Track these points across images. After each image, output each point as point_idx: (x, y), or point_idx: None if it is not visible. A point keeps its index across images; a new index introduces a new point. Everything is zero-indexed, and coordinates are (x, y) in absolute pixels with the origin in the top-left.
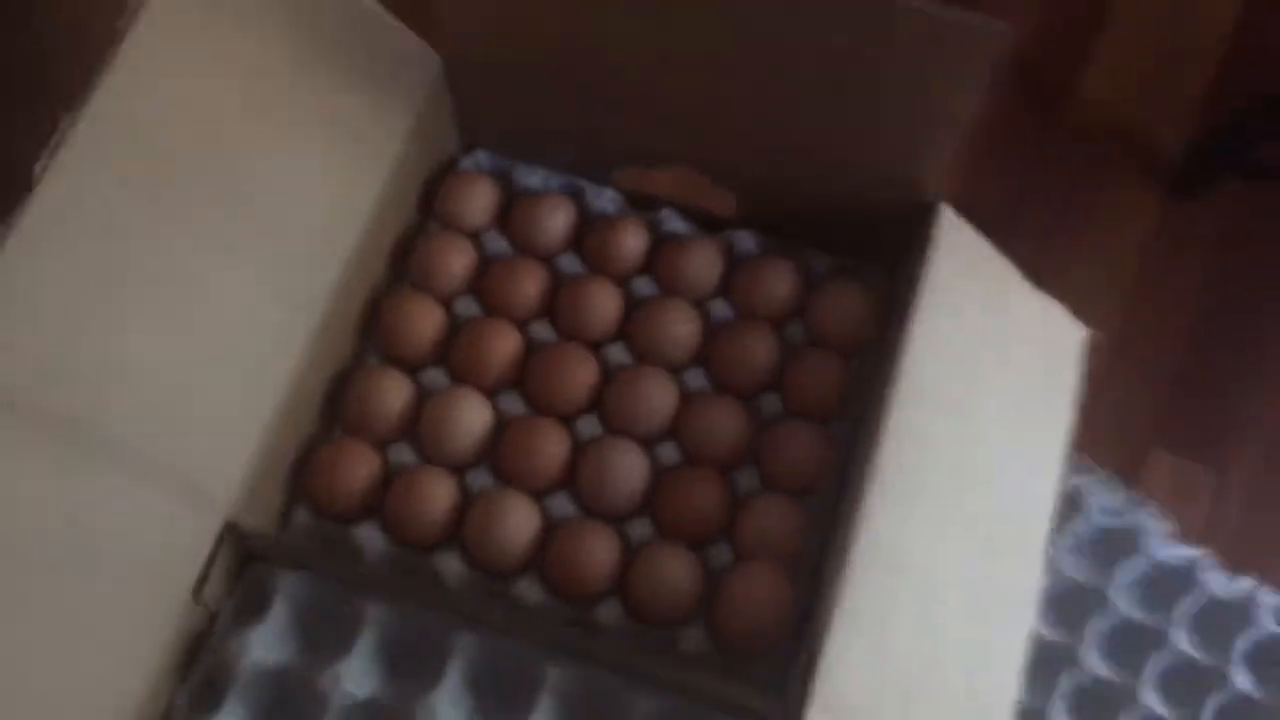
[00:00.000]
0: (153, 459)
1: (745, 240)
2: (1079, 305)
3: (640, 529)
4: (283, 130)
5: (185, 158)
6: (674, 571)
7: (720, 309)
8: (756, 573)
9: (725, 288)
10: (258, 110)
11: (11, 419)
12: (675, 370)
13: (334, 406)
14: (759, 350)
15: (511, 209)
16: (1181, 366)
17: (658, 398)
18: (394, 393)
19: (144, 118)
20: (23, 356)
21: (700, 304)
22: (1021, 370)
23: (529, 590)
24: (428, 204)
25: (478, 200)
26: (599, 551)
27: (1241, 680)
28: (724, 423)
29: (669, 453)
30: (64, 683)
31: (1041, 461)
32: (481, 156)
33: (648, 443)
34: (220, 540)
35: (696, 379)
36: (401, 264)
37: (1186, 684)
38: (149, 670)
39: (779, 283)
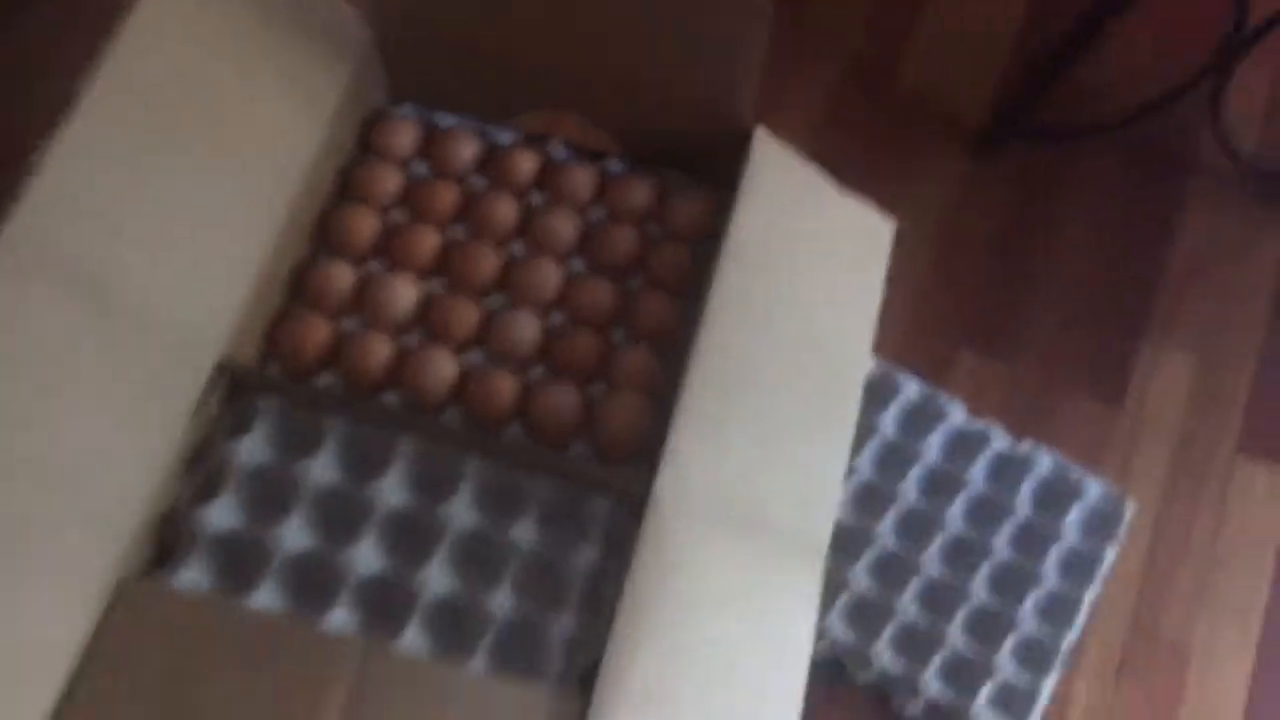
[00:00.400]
0: (164, 311)
1: (615, 165)
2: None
3: (536, 373)
4: (249, 85)
5: (181, 106)
6: (563, 401)
7: (596, 213)
8: (625, 400)
9: (600, 198)
10: (232, 70)
11: (60, 274)
12: (561, 258)
13: (295, 289)
14: (624, 241)
15: (431, 142)
16: (978, 285)
17: (548, 278)
18: (342, 277)
19: (147, 74)
20: (69, 229)
21: (580, 210)
22: (836, 249)
23: (451, 420)
24: (365, 142)
25: (404, 136)
26: (504, 390)
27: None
28: (599, 295)
29: (557, 318)
30: (94, 472)
31: (856, 319)
32: (407, 107)
33: (542, 311)
34: (214, 373)
35: (578, 265)
36: (345, 186)
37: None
38: (159, 471)
39: (639, 192)
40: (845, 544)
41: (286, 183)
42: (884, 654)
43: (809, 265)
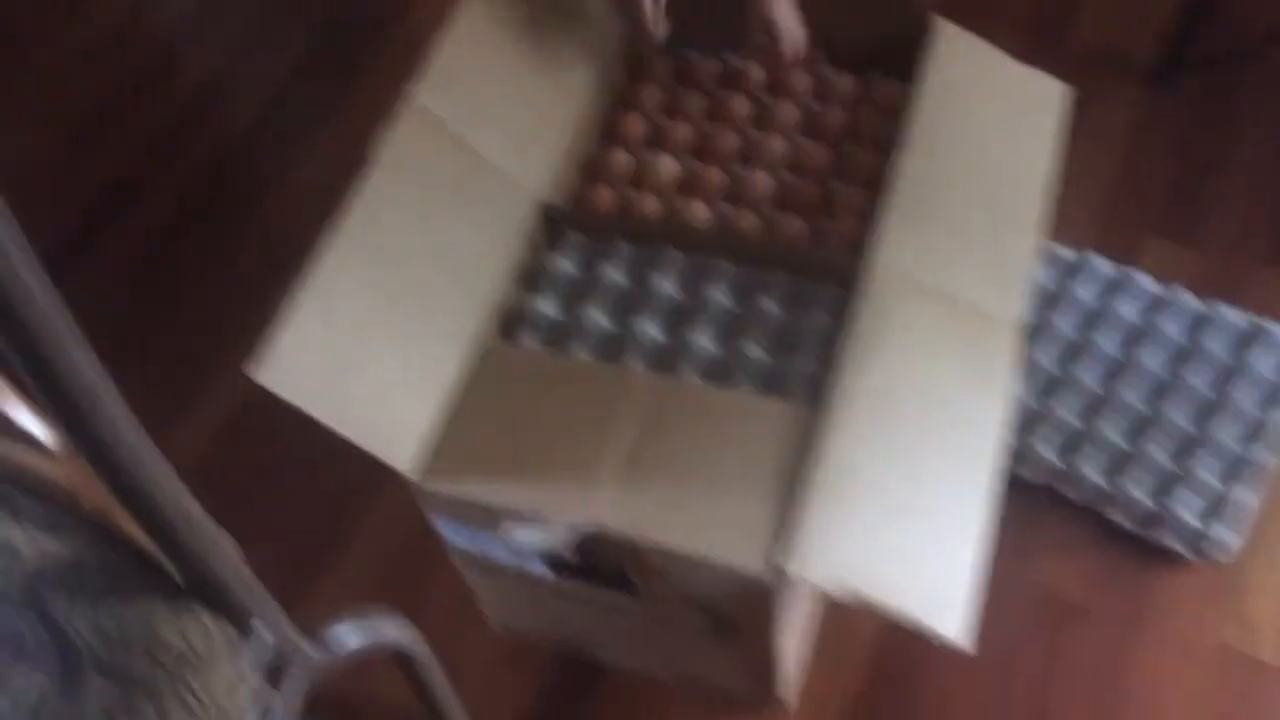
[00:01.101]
0: (506, 167)
1: (826, 70)
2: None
3: (772, 214)
4: (552, 35)
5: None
6: (793, 227)
7: (814, 105)
8: (843, 221)
9: (814, 93)
10: (544, 27)
11: (444, 136)
12: (788, 134)
13: (586, 170)
14: (836, 118)
15: (680, 67)
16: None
17: (777, 147)
18: (621, 160)
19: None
20: (454, 112)
21: (799, 104)
22: (1014, 101)
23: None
24: (633, 74)
25: (662, 65)
26: (747, 222)
27: None
28: (818, 156)
29: (787, 176)
30: (467, 265)
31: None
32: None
33: (774, 171)
34: (539, 210)
35: (800, 139)
36: (621, 101)
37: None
38: (504, 276)
39: (845, 83)
40: (1052, 389)
41: (583, 93)
42: (1093, 474)
43: (990, 112)
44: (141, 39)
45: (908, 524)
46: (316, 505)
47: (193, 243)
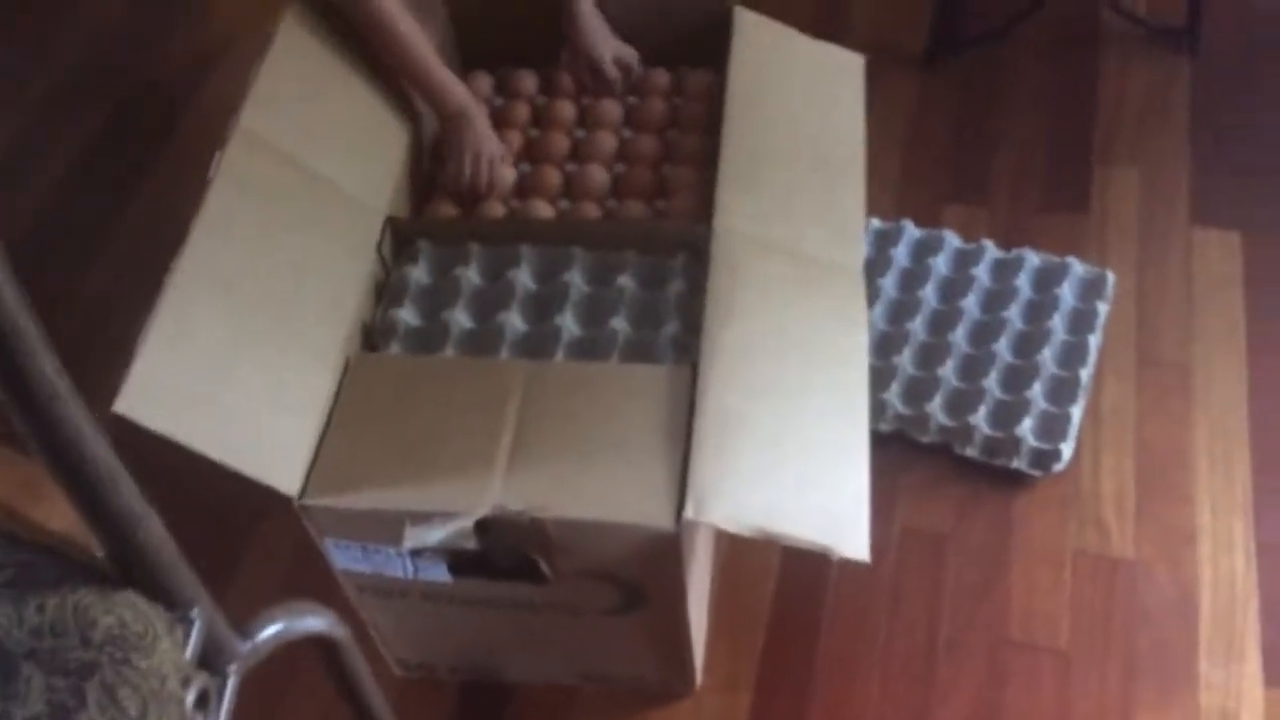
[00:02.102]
0: (346, 186)
1: (638, 68)
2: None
3: (611, 203)
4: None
5: (336, 69)
6: (634, 211)
7: (633, 100)
8: (681, 197)
9: (633, 91)
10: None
11: (278, 157)
12: (615, 130)
13: (429, 181)
14: (657, 109)
15: (501, 81)
16: (949, 154)
17: (608, 143)
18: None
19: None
20: (285, 132)
21: (621, 101)
22: (818, 74)
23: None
24: None
25: (482, 82)
26: (590, 214)
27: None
28: (648, 144)
29: (620, 167)
30: (326, 283)
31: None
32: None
33: (608, 164)
34: (385, 224)
35: (627, 132)
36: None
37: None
38: (361, 291)
39: (660, 77)
40: (887, 345)
41: (407, 112)
42: (938, 414)
43: (798, 83)
44: None
45: (795, 456)
46: (187, 549)
47: None
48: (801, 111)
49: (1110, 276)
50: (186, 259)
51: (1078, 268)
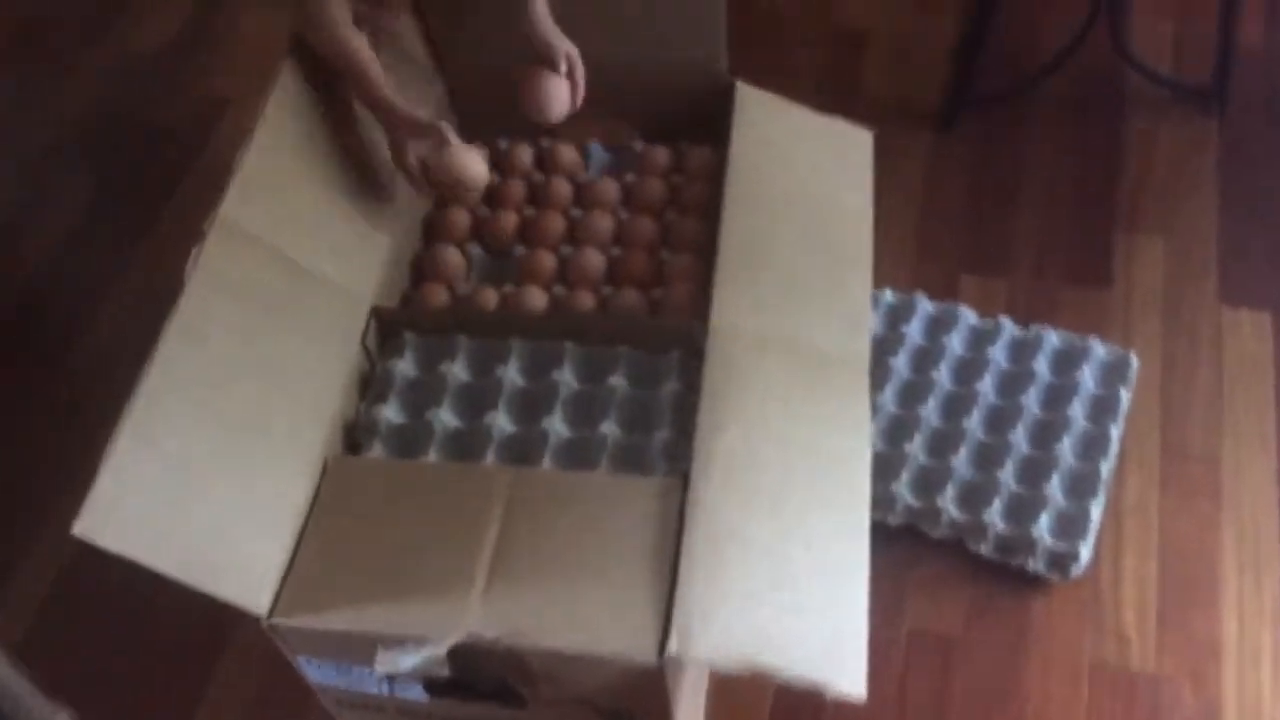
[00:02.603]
0: (332, 276)
1: (639, 144)
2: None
3: (606, 290)
4: (365, 122)
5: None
6: (629, 302)
7: (631, 178)
8: (678, 288)
9: (632, 167)
10: (353, 118)
11: (259, 249)
12: (612, 210)
13: (414, 270)
14: (656, 189)
15: (498, 156)
16: (965, 222)
17: (604, 225)
18: (451, 257)
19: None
20: (268, 221)
21: (619, 178)
22: (824, 152)
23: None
24: None
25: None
26: (585, 303)
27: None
28: (645, 227)
29: (616, 251)
30: (304, 383)
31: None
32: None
33: (604, 248)
34: (370, 314)
35: (624, 213)
36: (441, 197)
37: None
38: (343, 387)
39: (660, 154)
40: (897, 430)
41: (401, 194)
42: (950, 508)
43: (802, 163)
44: None
45: (789, 580)
46: (161, 661)
47: None
48: (806, 192)
49: (1134, 360)
50: (157, 366)
51: (1099, 349)
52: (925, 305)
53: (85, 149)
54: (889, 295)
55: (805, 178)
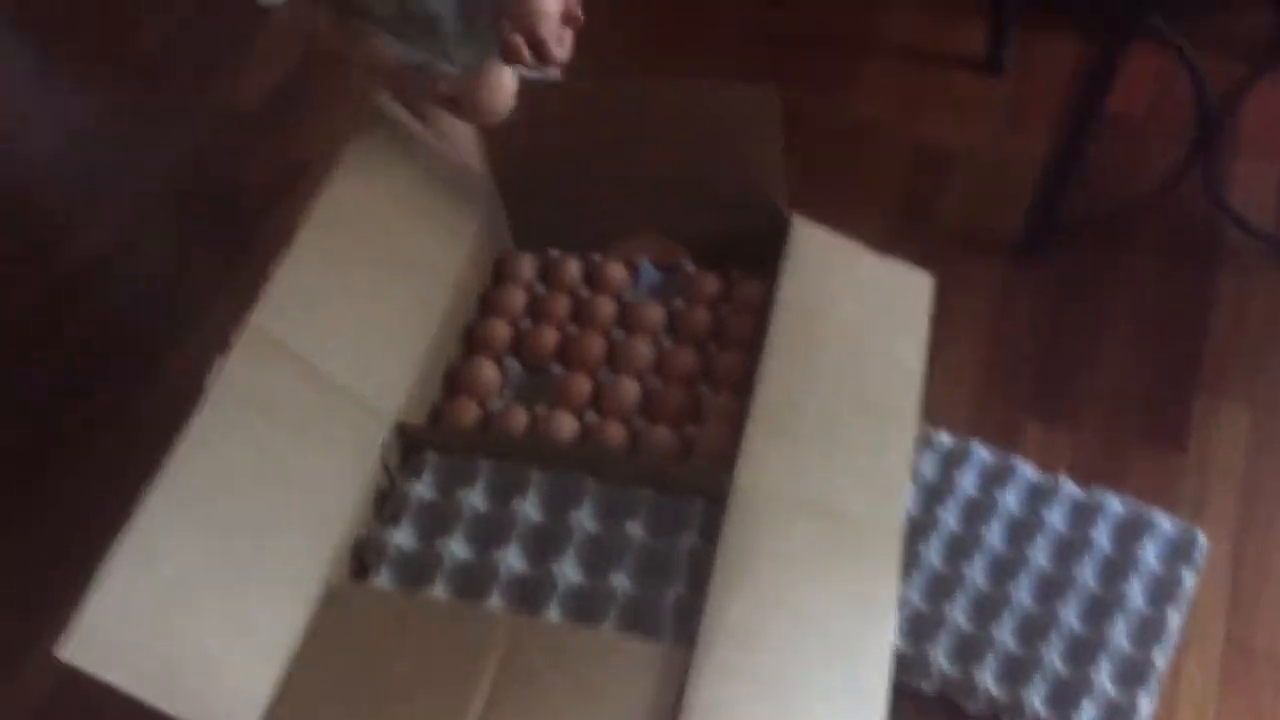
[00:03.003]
0: (357, 388)
1: (689, 266)
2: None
3: (639, 423)
4: (413, 227)
5: (368, 243)
6: (660, 439)
7: (677, 303)
8: (712, 429)
9: (679, 292)
10: (403, 216)
11: (290, 361)
12: (653, 337)
13: (451, 378)
14: (701, 319)
15: (546, 267)
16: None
17: (644, 352)
18: (487, 370)
19: (344, 217)
20: (298, 328)
21: (665, 302)
22: (878, 294)
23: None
24: (497, 273)
25: (526, 264)
26: (615, 436)
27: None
28: (685, 359)
29: (654, 382)
30: (313, 499)
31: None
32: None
33: (641, 377)
34: (393, 432)
35: (667, 341)
36: (484, 304)
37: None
38: (356, 504)
39: (709, 282)
40: (939, 588)
41: (440, 301)
42: (988, 682)
43: (853, 308)
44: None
45: None
46: None
47: (53, 445)
48: (854, 340)
49: (1202, 539)
50: (166, 477)
51: (1165, 524)
52: (981, 453)
53: (178, 196)
54: (944, 438)
55: (855, 324)
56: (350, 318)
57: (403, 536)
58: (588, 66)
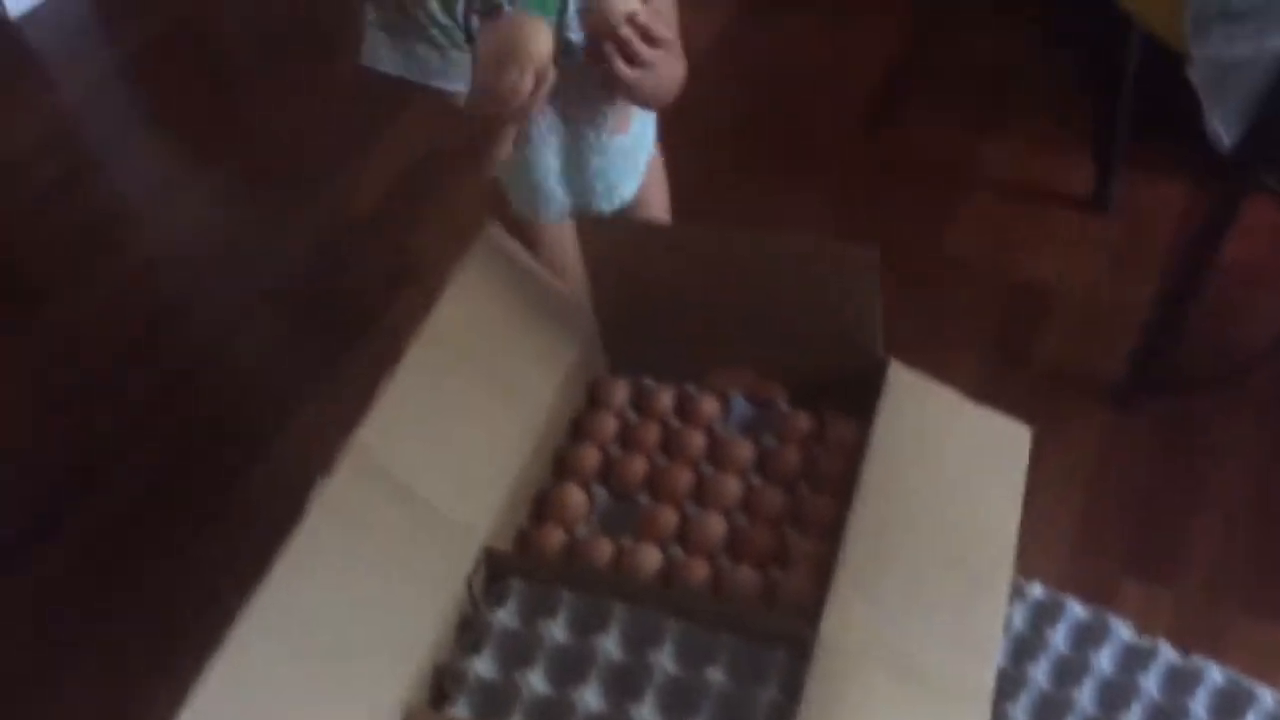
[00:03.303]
0: (447, 511)
1: (783, 404)
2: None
3: (724, 561)
4: (511, 354)
5: (469, 368)
6: (745, 579)
7: (769, 440)
8: (798, 574)
9: (770, 428)
10: (503, 342)
11: (385, 482)
12: (743, 474)
13: (540, 503)
14: (792, 459)
15: (639, 394)
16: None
17: (732, 489)
18: (575, 497)
19: (447, 342)
20: (392, 451)
21: (755, 439)
22: (973, 446)
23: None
24: (590, 398)
25: (619, 391)
26: (699, 574)
27: None
28: (773, 499)
29: (740, 519)
30: (396, 622)
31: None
32: (621, 374)
33: (728, 514)
34: (481, 558)
35: (756, 479)
36: (575, 429)
37: None
38: (439, 628)
39: (802, 421)
40: None
41: (534, 424)
42: None
43: (949, 459)
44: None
45: None
46: None
47: (158, 527)
48: (948, 494)
49: None
50: (259, 602)
51: (1268, 698)
52: (1076, 609)
53: (288, 292)
54: (1037, 590)
55: (949, 477)
56: (449, 440)
57: (483, 665)
58: (699, 180)
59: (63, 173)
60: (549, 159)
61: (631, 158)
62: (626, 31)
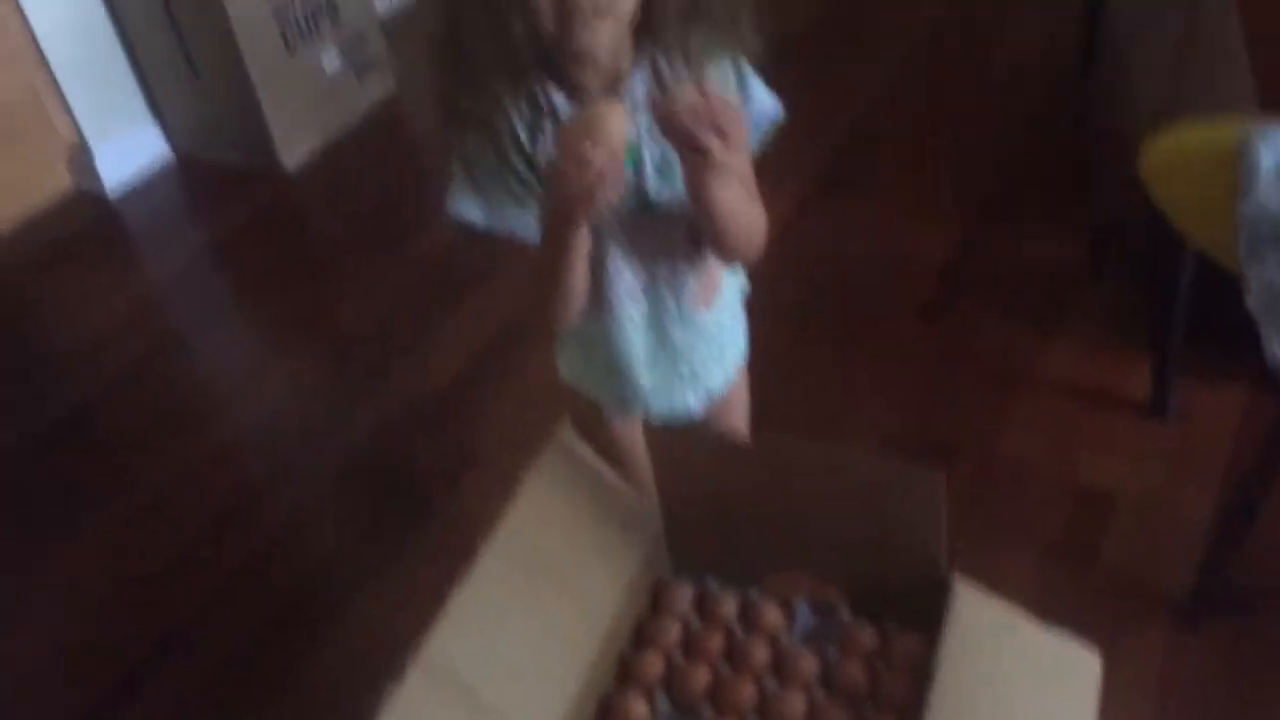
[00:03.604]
0: (510, 713)
1: (845, 614)
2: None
3: None
4: (579, 558)
5: (537, 570)
6: None
7: (833, 653)
8: None
9: (834, 641)
10: (570, 546)
11: (450, 682)
12: (807, 689)
13: (602, 711)
14: (857, 675)
15: (702, 600)
16: None
17: (796, 706)
18: (637, 707)
19: (518, 545)
20: (459, 651)
21: (819, 651)
22: (1042, 673)
23: None
24: (654, 601)
25: (683, 596)
26: None
27: None
28: (839, 717)
29: None
30: None
31: None
32: (684, 575)
33: None
34: None
35: (820, 695)
36: (639, 634)
37: None
38: None
39: (865, 635)
40: None
41: (599, 629)
42: None
43: (1019, 685)
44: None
45: None
46: None
47: (231, 699)
48: (1016, 711)
49: None
50: None
51: None
52: None
53: (355, 474)
54: None
55: (1019, 708)
56: (516, 645)
57: None
58: (764, 359)
59: (148, 350)
60: (632, 335)
61: (717, 343)
62: (698, 99)
